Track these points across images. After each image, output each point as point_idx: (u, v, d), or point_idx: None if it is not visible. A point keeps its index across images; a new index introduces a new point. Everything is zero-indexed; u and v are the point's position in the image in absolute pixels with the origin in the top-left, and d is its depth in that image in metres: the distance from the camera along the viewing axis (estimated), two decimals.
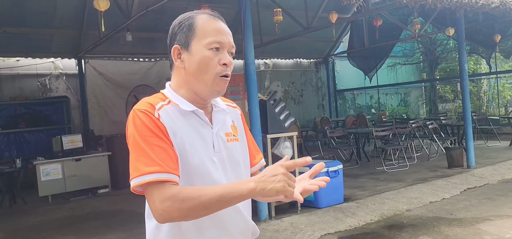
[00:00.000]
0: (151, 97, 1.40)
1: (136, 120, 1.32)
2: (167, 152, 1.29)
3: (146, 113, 1.32)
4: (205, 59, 1.36)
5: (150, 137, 1.29)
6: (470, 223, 5.08)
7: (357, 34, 12.93)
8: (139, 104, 1.36)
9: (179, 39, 1.40)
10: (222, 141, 1.44)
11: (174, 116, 1.36)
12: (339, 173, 6.15)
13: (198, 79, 1.38)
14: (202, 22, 1.39)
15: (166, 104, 1.37)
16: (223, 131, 1.46)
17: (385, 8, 8.26)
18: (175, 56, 1.41)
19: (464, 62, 8.30)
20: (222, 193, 1.24)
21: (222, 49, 1.38)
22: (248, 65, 5.42)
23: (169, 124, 1.33)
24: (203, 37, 1.37)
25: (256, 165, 1.62)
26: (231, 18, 10.73)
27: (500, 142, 11.31)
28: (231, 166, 1.44)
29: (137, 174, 1.26)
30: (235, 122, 1.55)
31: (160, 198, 1.24)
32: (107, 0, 5.80)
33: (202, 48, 1.36)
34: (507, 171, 7.80)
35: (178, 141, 1.33)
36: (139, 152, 1.29)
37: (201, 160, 1.36)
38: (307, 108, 15.02)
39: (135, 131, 1.31)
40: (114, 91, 10.88)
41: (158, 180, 1.25)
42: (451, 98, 17.45)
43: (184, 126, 1.37)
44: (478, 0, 6.95)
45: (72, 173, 8.17)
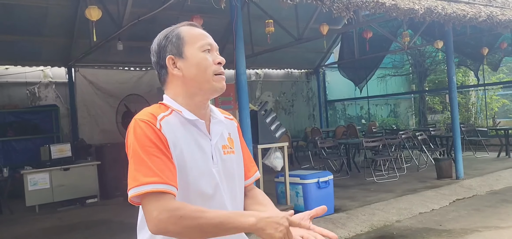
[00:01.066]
0: (152, 107, 1.41)
1: (137, 130, 1.32)
2: (166, 163, 1.29)
3: (148, 123, 1.33)
4: (202, 60, 1.41)
5: (150, 148, 1.29)
6: (459, 234, 5.11)
7: (348, 45, 13.06)
8: (140, 114, 1.37)
9: (171, 50, 1.43)
10: (219, 153, 1.45)
11: (174, 127, 1.36)
12: (329, 184, 6.16)
13: (199, 81, 1.41)
14: (187, 30, 1.45)
15: (167, 115, 1.38)
16: (221, 143, 1.47)
17: (375, 20, 8.36)
18: (171, 66, 1.43)
19: (452, 74, 8.41)
20: (221, 221, 1.24)
21: (212, 50, 1.45)
22: (239, 75, 5.43)
23: (170, 136, 1.34)
24: (193, 42, 1.42)
25: (251, 178, 1.63)
26: (223, 28, 10.76)
27: (488, 153, 11.43)
28: (226, 178, 1.45)
29: (136, 183, 1.26)
30: (231, 134, 1.56)
31: (158, 209, 1.24)
32: (99, 10, 5.80)
33: (196, 52, 1.41)
34: (495, 182, 7.88)
35: (178, 153, 1.34)
36: (138, 162, 1.28)
37: (199, 172, 1.37)
38: (297, 119, 15.07)
39: (135, 141, 1.31)
40: (105, 100, 10.82)
41: (157, 190, 1.24)
42: (440, 110, 17.63)
43: (184, 137, 1.37)
44: (466, 14, 7.07)
45: (60, 182, 8.06)
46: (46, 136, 9.85)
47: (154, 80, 11.25)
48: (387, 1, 5.97)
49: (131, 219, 1.43)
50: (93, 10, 5.78)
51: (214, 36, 1.52)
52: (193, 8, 7.63)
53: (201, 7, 8.07)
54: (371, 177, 8.78)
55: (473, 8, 7.35)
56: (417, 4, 6.35)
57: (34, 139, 9.76)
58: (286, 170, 6.00)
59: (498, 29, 8.22)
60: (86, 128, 10.56)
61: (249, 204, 1.56)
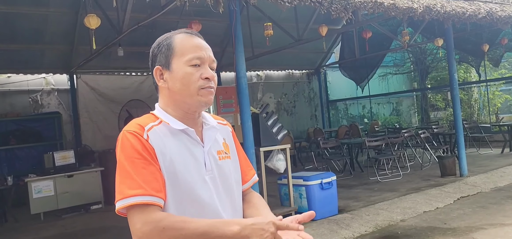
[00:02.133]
0: (141, 118, 1.41)
1: (124, 142, 1.32)
2: (153, 174, 1.29)
3: (134, 134, 1.32)
4: (187, 75, 1.37)
5: (136, 159, 1.29)
6: (464, 232, 5.10)
7: (348, 45, 13.06)
8: (128, 125, 1.37)
9: (160, 60, 1.42)
10: (214, 159, 1.44)
11: (164, 137, 1.36)
12: (332, 185, 6.15)
13: (182, 95, 1.39)
14: (179, 41, 1.41)
15: (156, 125, 1.38)
16: (215, 149, 1.46)
17: (375, 19, 8.36)
18: (157, 77, 1.43)
19: (453, 71, 8.39)
20: (205, 231, 1.24)
21: (202, 64, 1.39)
22: (240, 79, 5.44)
23: (158, 145, 1.33)
24: (182, 55, 1.38)
25: (249, 182, 1.62)
26: (222, 31, 10.78)
27: (491, 149, 11.39)
28: (222, 184, 1.44)
29: (121, 196, 1.27)
30: (226, 139, 1.55)
31: (141, 221, 1.24)
32: (98, 18, 5.81)
33: (182, 66, 1.38)
34: (500, 179, 7.85)
35: (167, 162, 1.33)
36: (124, 174, 1.29)
37: (192, 179, 1.36)
38: (299, 119, 15.06)
39: (121, 154, 1.31)
40: (106, 106, 10.85)
41: (141, 202, 1.25)
42: (442, 107, 17.58)
43: (175, 145, 1.36)
44: (466, 11, 7.06)
45: (64, 189, 8.09)
46: (49, 143, 9.88)
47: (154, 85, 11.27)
48: (386, 0, 5.97)
49: None
50: (92, 18, 5.80)
51: (213, 39, 1.51)
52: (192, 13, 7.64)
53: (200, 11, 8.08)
54: (375, 176, 8.77)
55: (472, 5, 7.34)
56: (415, 3, 6.34)
57: (37, 147, 9.79)
58: (289, 172, 6.00)
59: (498, 25, 8.20)
60: (88, 134, 10.59)
61: (244, 208, 1.55)
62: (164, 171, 1.32)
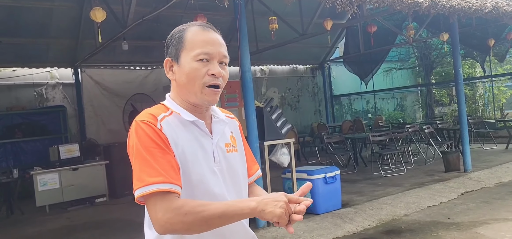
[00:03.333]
0: (152, 108, 1.42)
1: (139, 131, 1.33)
2: (170, 163, 1.30)
3: (149, 124, 1.34)
4: (192, 71, 1.37)
5: (153, 148, 1.30)
6: (468, 227, 5.10)
7: (353, 39, 13.01)
8: (141, 115, 1.38)
9: (170, 52, 1.43)
10: (222, 152, 1.46)
11: (175, 127, 1.37)
12: (336, 179, 6.16)
13: (188, 90, 1.40)
14: (191, 34, 1.40)
15: (167, 115, 1.39)
16: (223, 142, 1.48)
17: (380, 14, 8.33)
18: (167, 68, 1.44)
19: (458, 66, 8.36)
20: (224, 210, 1.27)
21: (211, 60, 1.38)
22: (244, 73, 5.44)
23: (171, 135, 1.35)
24: (191, 49, 1.38)
25: (253, 176, 1.64)
26: (227, 25, 10.77)
27: (496, 145, 11.36)
28: (230, 176, 1.46)
29: (141, 184, 1.27)
30: (233, 132, 1.57)
31: (163, 209, 1.25)
32: (103, 11, 5.83)
33: (190, 60, 1.38)
34: (504, 174, 7.83)
35: (179, 152, 1.35)
36: (142, 162, 1.29)
37: (202, 171, 1.38)
38: (303, 114, 15.05)
39: (138, 142, 1.32)
40: (111, 100, 10.89)
41: (162, 190, 1.26)
42: (447, 102, 17.52)
43: (185, 136, 1.38)
44: (471, 5, 7.02)
45: (70, 182, 8.15)
46: (54, 137, 9.94)
47: (159, 79, 11.30)
48: None
49: (140, 218, 1.45)
50: (97, 11, 5.81)
51: None
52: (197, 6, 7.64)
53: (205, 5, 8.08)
54: (379, 171, 8.76)
55: (478, 0, 7.30)
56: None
57: (42, 140, 9.86)
58: (293, 166, 6.01)
59: (504, 20, 8.16)
60: (93, 128, 10.64)
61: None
62: (177, 160, 1.34)
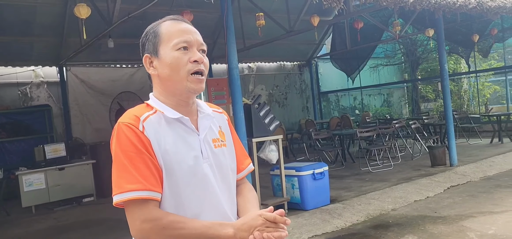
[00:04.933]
0: (136, 108, 1.40)
1: (120, 134, 1.32)
2: (150, 169, 1.29)
3: (130, 127, 1.32)
4: (174, 60, 1.37)
5: (133, 153, 1.29)
6: (454, 220, 5.16)
7: (339, 36, 13.06)
8: (123, 117, 1.37)
9: (148, 48, 1.43)
10: (210, 147, 1.44)
11: (159, 127, 1.36)
12: (324, 175, 6.18)
13: (172, 81, 1.39)
14: (166, 27, 1.41)
15: (152, 114, 1.37)
16: (210, 137, 1.46)
17: (366, 10, 8.36)
18: (147, 65, 1.44)
19: (444, 62, 8.45)
20: (203, 232, 1.27)
21: (190, 47, 1.39)
22: (232, 70, 5.43)
23: (154, 136, 1.33)
24: (169, 40, 1.38)
25: (244, 170, 1.63)
26: (214, 22, 10.74)
27: (481, 139, 11.53)
28: (219, 171, 1.44)
29: (119, 190, 1.27)
30: (222, 127, 1.55)
31: (141, 218, 1.25)
32: (88, 7, 5.75)
33: (170, 51, 1.38)
34: (489, 168, 7.95)
35: (163, 152, 1.33)
36: (121, 168, 1.28)
37: (190, 169, 1.35)
38: (291, 111, 15.09)
39: (118, 147, 1.31)
40: (97, 98, 10.77)
41: (140, 197, 1.25)
42: (432, 98, 17.71)
43: (170, 135, 1.36)
44: (456, 1, 7.09)
45: (56, 182, 8.05)
46: (40, 136, 9.80)
47: (146, 77, 10.99)
48: None
49: None
50: (82, 7, 5.73)
51: (205, 30, 1.50)
52: (184, 3, 7.60)
53: (192, 2, 8.05)
54: (366, 167, 8.83)
55: None
56: None
57: (27, 140, 9.71)
58: (282, 163, 6.02)
59: (488, 16, 8.26)
60: (79, 127, 10.52)
61: (239, 203, 1.55)
62: (161, 161, 1.32)
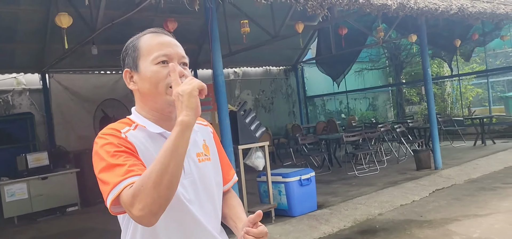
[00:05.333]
0: (116, 124, 1.37)
1: (102, 140, 1.28)
2: (133, 160, 1.24)
3: (113, 133, 1.29)
4: (154, 74, 1.33)
5: (118, 151, 1.24)
6: (440, 224, 5.21)
7: (324, 41, 13.13)
8: (103, 130, 1.33)
9: (128, 62, 1.40)
10: (193, 162, 1.41)
11: (140, 141, 1.32)
12: (311, 181, 6.19)
13: (152, 95, 1.36)
14: (145, 40, 1.38)
15: (132, 129, 1.34)
16: (194, 151, 1.43)
17: (350, 15, 8.43)
18: (127, 80, 1.40)
19: (427, 66, 8.56)
20: (165, 148, 1.15)
21: (171, 61, 1.35)
22: (217, 76, 5.40)
23: (137, 145, 1.30)
24: (148, 54, 1.35)
25: (229, 182, 1.62)
26: (199, 28, 10.68)
27: (465, 142, 11.69)
28: (203, 186, 1.41)
29: (110, 187, 1.19)
30: (206, 140, 1.52)
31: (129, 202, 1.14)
32: (69, 16, 5.66)
33: (149, 65, 1.34)
34: (473, 171, 8.05)
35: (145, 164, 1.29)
36: (108, 168, 1.22)
37: None
38: (278, 116, 15.10)
39: (100, 150, 1.26)
40: (81, 105, 10.62)
41: (131, 183, 1.17)
42: (417, 101, 17.93)
43: (152, 150, 1.33)
44: (438, 7, 7.19)
45: (39, 192, 7.90)
46: (22, 145, 9.58)
47: None
48: None
49: (114, 226, 1.39)
50: (63, 17, 5.63)
51: (190, 36, 1.48)
52: (168, 9, 7.54)
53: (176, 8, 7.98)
54: (353, 171, 8.87)
55: (444, 2, 7.49)
56: (390, 0, 6.42)
57: (9, 149, 9.47)
58: (268, 169, 6.00)
59: (469, 21, 8.41)
60: (62, 135, 10.34)
61: (225, 212, 1.55)
62: None
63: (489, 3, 8.47)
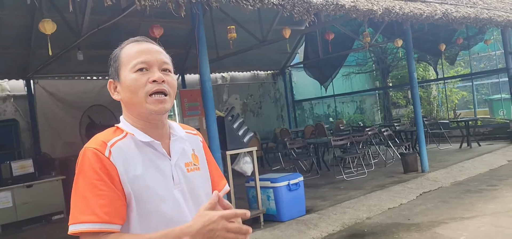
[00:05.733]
0: (105, 132, 1.35)
1: (84, 160, 1.27)
2: (109, 198, 1.24)
3: (96, 153, 1.27)
4: (132, 82, 1.33)
5: (95, 180, 1.24)
6: (427, 227, 5.24)
7: (312, 45, 13.20)
8: (90, 142, 1.31)
9: (111, 73, 1.40)
10: (182, 172, 1.40)
11: (128, 152, 1.31)
12: (300, 186, 6.19)
13: (134, 104, 1.35)
14: (125, 50, 1.38)
15: (121, 139, 1.33)
16: (183, 161, 1.42)
17: (337, 20, 8.48)
18: (111, 90, 1.40)
19: (413, 70, 8.65)
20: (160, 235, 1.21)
21: (150, 68, 1.34)
22: (204, 82, 5.38)
23: (121, 162, 1.28)
24: (127, 63, 1.35)
25: (220, 192, 1.59)
26: (186, 33, 10.64)
27: (450, 144, 11.83)
28: (191, 197, 1.40)
29: (73, 221, 1.23)
30: (195, 150, 1.50)
31: None
32: (53, 23, 5.58)
33: (128, 73, 1.34)
34: (459, 173, 8.14)
35: (131, 180, 1.28)
36: (78, 197, 1.24)
37: (158, 196, 1.31)
38: (266, 120, 15.11)
39: (80, 173, 1.26)
40: (67, 111, 10.49)
41: (92, 230, 1.21)
42: (403, 104, 18.11)
43: (140, 160, 1.31)
44: (423, 12, 7.28)
45: (24, 200, 7.76)
46: (6, 152, 9.40)
47: None
48: (347, 3, 6.06)
49: None
50: (47, 23, 5.55)
51: (177, 41, 1.47)
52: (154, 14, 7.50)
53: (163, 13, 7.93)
54: (341, 175, 8.90)
55: (429, 7, 7.58)
56: (375, 5, 6.48)
57: None
58: (256, 174, 5.99)
59: (453, 25, 8.52)
60: (48, 142, 10.20)
61: None
62: (129, 188, 1.27)
63: (472, 8, 8.61)
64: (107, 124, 1.42)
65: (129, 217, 1.28)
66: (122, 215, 1.26)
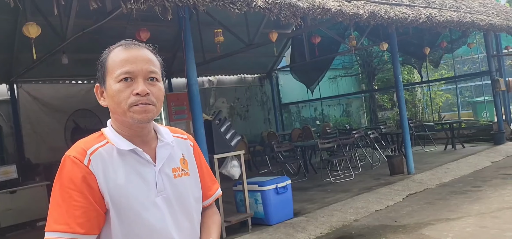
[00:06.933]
0: (87, 139, 1.33)
1: (62, 169, 1.26)
2: (83, 208, 1.22)
3: (75, 161, 1.25)
4: (116, 93, 1.29)
5: (70, 189, 1.23)
6: (414, 228, 5.29)
7: (298, 48, 13.25)
8: (71, 149, 1.30)
9: (98, 77, 1.37)
10: (168, 178, 1.37)
11: (109, 160, 1.29)
12: (288, 189, 6.19)
13: (118, 113, 1.32)
14: (111, 56, 1.33)
15: (102, 146, 1.30)
16: (169, 167, 1.39)
17: (323, 24, 8.53)
18: (98, 95, 1.38)
19: (398, 74, 8.74)
20: None
21: (135, 78, 1.30)
22: (191, 86, 5.36)
23: (101, 170, 1.26)
24: (112, 71, 1.31)
25: (212, 197, 1.58)
26: (172, 36, 10.60)
27: (436, 146, 11.97)
28: (178, 203, 1.38)
29: (47, 228, 1.23)
30: (185, 154, 1.48)
31: None
32: (38, 27, 5.49)
33: (112, 83, 1.31)
34: (444, 175, 8.25)
35: (111, 188, 1.26)
36: (54, 204, 1.24)
37: (139, 205, 1.29)
38: (253, 123, 15.10)
39: (57, 181, 1.26)
40: (51, 116, 10.33)
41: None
42: (389, 107, 18.29)
43: (121, 168, 1.29)
44: (408, 16, 7.37)
45: (7, 206, 7.61)
46: None
47: None
48: (333, 6, 6.11)
49: None
50: (31, 27, 5.46)
51: (164, 45, 1.45)
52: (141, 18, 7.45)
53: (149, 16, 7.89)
54: (328, 177, 8.94)
55: (414, 11, 7.68)
56: (361, 9, 6.55)
57: None
58: (244, 178, 5.98)
59: (437, 29, 8.65)
60: (32, 147, 10.03)
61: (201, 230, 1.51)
62: (108, 197, 1.25)
63: (456, 12, 8.75)
64: (92, 128, 1.40)
65: (110, 225, 1.26)
66: (96, 225, 1.25)
